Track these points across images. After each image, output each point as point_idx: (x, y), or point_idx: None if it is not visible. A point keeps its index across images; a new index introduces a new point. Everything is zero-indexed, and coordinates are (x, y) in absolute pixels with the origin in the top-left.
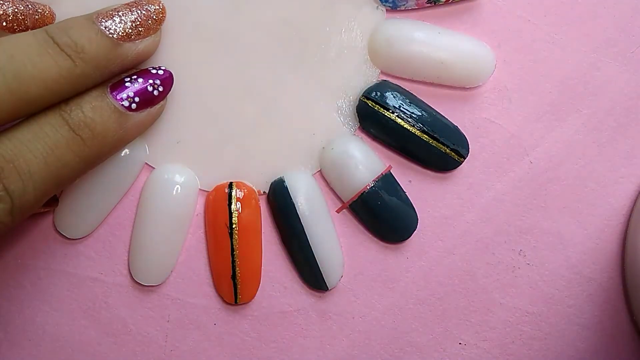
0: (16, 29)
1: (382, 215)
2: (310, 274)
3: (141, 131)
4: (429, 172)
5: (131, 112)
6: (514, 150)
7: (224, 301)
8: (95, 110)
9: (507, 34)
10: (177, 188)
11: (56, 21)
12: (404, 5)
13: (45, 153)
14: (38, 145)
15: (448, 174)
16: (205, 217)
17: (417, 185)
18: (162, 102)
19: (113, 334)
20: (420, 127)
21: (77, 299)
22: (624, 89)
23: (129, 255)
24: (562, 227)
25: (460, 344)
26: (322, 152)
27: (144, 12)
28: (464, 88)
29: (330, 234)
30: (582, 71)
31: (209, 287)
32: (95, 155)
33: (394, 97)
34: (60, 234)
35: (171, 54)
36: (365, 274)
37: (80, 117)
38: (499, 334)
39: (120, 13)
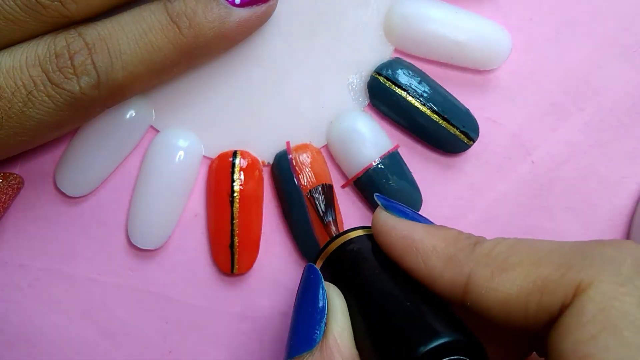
0: None
1: (387, 193)
2: (308, 249)
3: (244, 33)
4: (430, 172)
5: (235, 7)
6: (516, 150)
7: (222, 272)
8: (197, 1)
9: (509, 32)
10: (181, 152)
11: None
12: None
13: (138, 35)
14: (133, 28)
15: (449, 174)
16: (207, 184)
17: (417, 185)
18: (270, 3)
19: (111, 335)
20: (430, 106)
21: (75, 300)
22: (627, 88)
23: (127, 218)
24: (565, 227)
25: None
26: (329, 127)
27: None
28: (477, 70)
29: None
30: (584, 70)
31: (208, 288)
32: (191, 46)
33: (406, 74)
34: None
35: None
36: None
37: (181, 6)
38: None
39: None
